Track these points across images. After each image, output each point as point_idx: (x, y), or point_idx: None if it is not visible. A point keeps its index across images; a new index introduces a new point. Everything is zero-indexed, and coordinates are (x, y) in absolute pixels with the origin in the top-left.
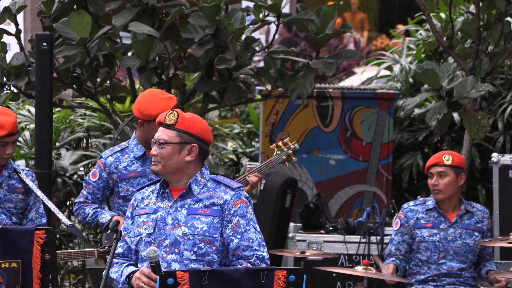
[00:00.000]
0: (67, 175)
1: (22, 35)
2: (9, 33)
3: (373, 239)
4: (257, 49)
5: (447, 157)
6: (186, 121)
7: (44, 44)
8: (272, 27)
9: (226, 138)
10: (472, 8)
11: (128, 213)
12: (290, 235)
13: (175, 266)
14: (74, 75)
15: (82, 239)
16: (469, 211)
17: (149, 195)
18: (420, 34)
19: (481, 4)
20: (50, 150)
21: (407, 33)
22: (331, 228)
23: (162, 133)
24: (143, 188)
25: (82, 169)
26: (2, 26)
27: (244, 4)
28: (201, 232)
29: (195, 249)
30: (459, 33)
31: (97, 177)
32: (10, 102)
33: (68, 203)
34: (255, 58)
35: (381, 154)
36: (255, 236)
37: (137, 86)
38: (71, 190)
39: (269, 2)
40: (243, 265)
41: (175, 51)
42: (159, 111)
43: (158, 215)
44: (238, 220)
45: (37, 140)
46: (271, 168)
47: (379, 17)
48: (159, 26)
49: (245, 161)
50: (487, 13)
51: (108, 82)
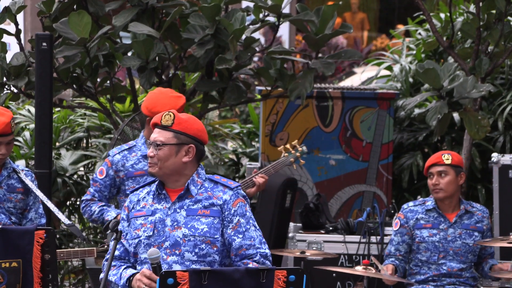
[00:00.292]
0: (67, 175)
1: (22, 35)
2: (9, 33)
3: (373, 239)
4: (257, 49)
5: (446, 157)
6: (183, 122)
7: (44, 44)
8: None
9: (226, 138)
10: (472, 8)
11: (123, 215)
12: (290, 235)
13: (176, 268)
14: (74, 75)
15: (81, 238)
16: (468, 211)
17: (144, 197)
18: (420, 34)
19: (481, 4)
20: (50, 150)
21: (407, 33)
22: (331, 228)
23: (158, 135)
24: (137, 189)
25: (82, 169)
26: (2, 26)
27: (244, 4)
28: (201, 233)
29: (196, 250)
30: (459, 33)
31: (104, 175)
32: (10, 102)
33: (68, 203)
34: (255, 58)
35: (381, 154)
36: (256, 234)
37: (137, 86)
38: (71, 190)
39: (270, 3)
40: (244, 265)
41: (175, 51)
42: (167, 109)
43: (156, 217)
44: (239, 220)
45: (37, 140)
46: (278, 170)
47: (379, 17)
48: (159, 26)
49: (245, 161)
50: (487, 13)
51: (108, 82)
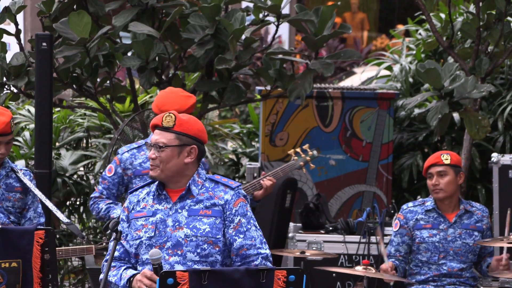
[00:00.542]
0: (67, 175)
1: (22, 35)
2: (9, 33)
3: (373, 239)
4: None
5: (445, 157)
6: (184, 123)
7: (44, 44)
8: (272, 28)
9: (226, 138)
10: (472, 8)
11: (122, 216)
12: (290, 235)
13: (179, 268)
14: (74, 75)
15: (80, 237)
16: (468, 211)
17: (144, 198)
18: (420, 34)
19: (481, 4)
20: (50, 150)
21: (407, 33)
22: (331, 228)
23: (160, 136)
24: (136, 190)
25: (82, 169)
26: (2, 26)
27: (244, 4)
28: (203, 233)
29: (198, 250)
30: (459, 33)
31: (112, 173)
32: (10, 102)
33: (68, 203)
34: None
35: (381, 154)
36: (256, 234)
37: (137, 86)
38: (71, 190)
39: (269, 3)
40: (244, 266)
41: (175, 51)
42: (176, 108)
43: (157, 217)
44: (240, 220)
45: (37, 140)
46: (286, 173)
47: (379, 17)
48: (159, 26)
49: (245, 161)
50: (487, 13)
51: (108, 82)
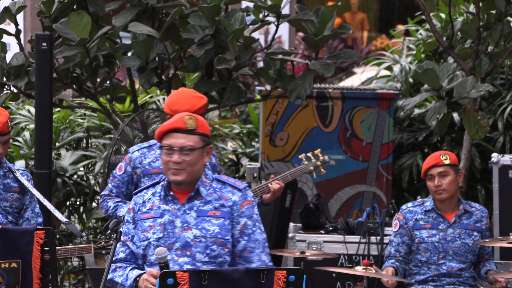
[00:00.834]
0: (67, 175)
1: (22, 35)
2: (9, 33)
3: (373, 239)
4: (257, 48)
5: (444, 157)
6: (203, 123)
7: (44, 44)
8: (272, 28)
9: (226, 138)
10: (472, 8)
11: (127, 218)
12: (290, 235)
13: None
14: (74, 75)
15: (79, 236)
16: (467, 211)
17: (150, 198)
18: (420, 34)
19: (481, 4)
20: (50, 150)
21: (407, 33)
22: (331, 228)
23: (185, 140)
24: (141, 191)
25: (82, 169)
26: (2, 26)
27: (244, 4)
28: (213, 234)
29: (207, 251)
30: (459, 33)
31: (122, 171)
32: (10, 102)
33: (68, 203)
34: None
35: (381, 154)
36: (261, 237)
37: (137, 86)
38: (71, 190)
39: (269, 3)
40: (244, 266)
41: (175, 51)
42: (186, 108)
43: (165, 218)
44: (246, 222)
45: (37, 140)
46: (296, 177)
47: (379, 17)
48: (159, 26)
49: (245, 161)
50: (487, 13)
51: (108, 82)
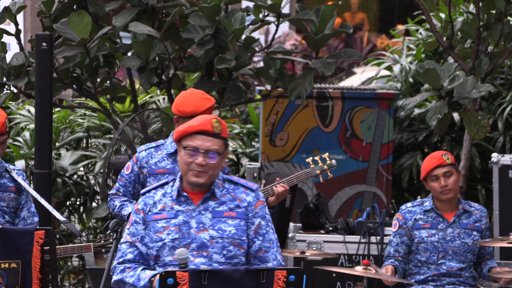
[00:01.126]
0: (67, 175)
1: (22, 35)
2: (9, 33)
3: (373, 239)
4: (256, 49)
5: (446, 156)
6: (226, 128)
7: (44, 44)
8: (272, 27)
9: None
10: (472, 8)
11: (136, 218)
12: (290, 235)
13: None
14: (74, 75)
15: (77, 234)
16: (467, 211)
17: (160, 199)
18: (420, 33)
19: (481, 4)
20: (50, 150)
21: (407, 33)
22: (331, 228)
23: (212, 143)
24: (149, 191)
25: (82, 169)
26: (2, 26)
27: (244, 4)
28: (230, 235)
29: (224, 252)
30: (459, 33)
31: (129, 170)
32: (10, 102)
33: (68, 203)
34: (255, 59)
35: (381, 154)
36: (274, 236)
37: (137, 86)
38: (71, 190)
39: (269, 2)
40: (244, 266)
41: (175, 51)
42: (193, 109)
43: (180, 219)
44: (260, 222)
45: (37, 140)
46: (301, 180)
47: (379, 17)
48: (159, 26)
49: (245, 161)
50: (487, 13)
51: (108, 82)
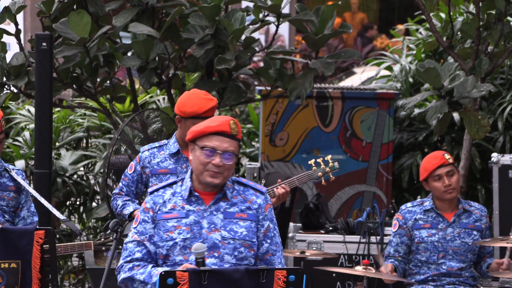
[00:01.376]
0: (67, 175)
1: (22, 35)
2: (9, 33)
3: (373, 239)
4: (256, 49)
5: (447, 156)
6: (240, 130)
7: (44, 44)
8: (272, 27)
9: None
10: (472, 8)
11: (144, 217)
12: (290, 235)
13: None
14: (74, 75)
15: (77, 232)
16: (467, 210)
17: (170, 198)
18: (420, 33)
19: (481, 4)
20: (50, 150)
21: (407, 33)
22: (331, 228)
23: (228, 145)
24: (157, 190)
25: (82, 169)
26: (2, 26)
27: (244, 4)
28: (241, 236)
29: (235, 253)
30: (459, 33)
31: (132, 170)
32: (10, 102)
33: (68, 203)
34: (255, 59)
35: (381, 154)
36: (279, 240)
37: (137, 86)
38: (71, 190)
39: (269, 3)
40: (243, 266)
41: (175, 51)
42: (194, 109)
43: (191, 219)
44: (269, 225)
45: (37, 140)
46: (302, 183)
47: (379, 17)
48: (159, 26)
49: (245, 161)
50: (487, 13)
51: (108, 82)
